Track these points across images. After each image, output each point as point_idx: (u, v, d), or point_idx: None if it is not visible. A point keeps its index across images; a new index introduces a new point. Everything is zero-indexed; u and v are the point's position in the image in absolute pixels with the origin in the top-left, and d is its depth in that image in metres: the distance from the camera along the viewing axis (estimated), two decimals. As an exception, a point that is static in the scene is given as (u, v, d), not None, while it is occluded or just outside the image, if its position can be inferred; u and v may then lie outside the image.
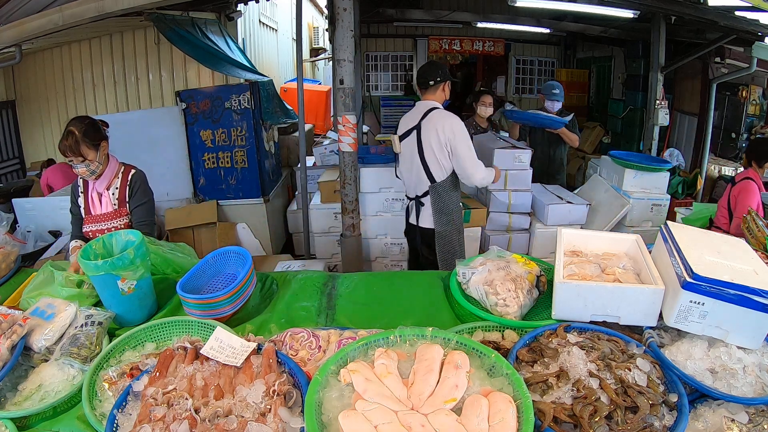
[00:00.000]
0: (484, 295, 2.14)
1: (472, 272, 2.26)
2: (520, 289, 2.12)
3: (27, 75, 6.88)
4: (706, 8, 5.50)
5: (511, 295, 2.09)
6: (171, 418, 1.40)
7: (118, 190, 2.90)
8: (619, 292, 1.81)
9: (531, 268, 2.25)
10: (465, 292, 2.25)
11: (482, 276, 2.20)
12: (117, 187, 2.90)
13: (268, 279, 2.61)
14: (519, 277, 2.17)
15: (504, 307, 2.08)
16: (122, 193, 2.90)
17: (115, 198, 2.89)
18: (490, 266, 2.25)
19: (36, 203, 5.27)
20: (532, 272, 2.23)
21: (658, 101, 7.15)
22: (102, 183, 2.86)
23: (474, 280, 2.21)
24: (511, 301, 2.08)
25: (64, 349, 1.87)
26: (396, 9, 9.03)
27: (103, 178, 2.85)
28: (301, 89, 5.43)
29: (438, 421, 1.32)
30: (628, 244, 2.25)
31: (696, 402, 1.53)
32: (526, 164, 4.94)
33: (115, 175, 2.91)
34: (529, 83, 12.27)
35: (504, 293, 2.10)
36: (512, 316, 2.05)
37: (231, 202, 6.31)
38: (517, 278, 2.17)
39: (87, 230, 2.89)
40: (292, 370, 1.61)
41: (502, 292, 2.11)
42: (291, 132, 7.70)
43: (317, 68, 15.08)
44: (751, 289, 1.56)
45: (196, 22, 5.84)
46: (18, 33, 4.15)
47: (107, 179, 2.87)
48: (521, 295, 2.10)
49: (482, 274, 2.21)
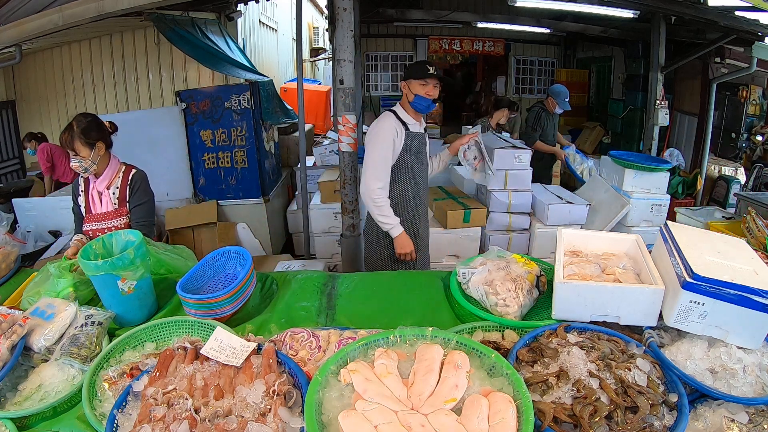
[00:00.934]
0: (484, 295, 2.13)
1: (472, 272, 2.26)
2: (520, 289, 2.12)
3: (27, 75, 6.89)
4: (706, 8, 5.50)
5: (511, 295, 2.09)
6: (171, 418, 1.40)
7: (119, 189, 2.91)
8: (619, 292, 1.81)
9: (531, 268, 2.25)
10: (465, 292, 2.24)
11: (482, 276, 2.20)
12: (118, 187, 2.91)
13: (268, 279, 2.61)
14: (519, 277, 2.17)
15: (504, 307, 2.07)
16: (123, 193, 2.91)
17: (115, 197, 2.90)
18: (490, 266, 2.24)
19: (36, 203, 5.29)
20: (532, 272, 2.23)
21: (658, 101, 7.16)
22: (102, 182, 2.87)
23: (474, 280, 2.21)
24: (512, 301, 2.08)
25: (64, 349, 1.87)
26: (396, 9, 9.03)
27: (103, 177, 2.86)
28: (301, 89, 5.43)
29: (438, 421, 1.32)
30: (628, 244, 2.25)
31: (696, 402, 1.53)
32: (526, 164, 4.94)
33: (116, 175, 2.91)
34: (529, 83, 12.28)
35: (504, 293, 2.10)
36: (512, 316, 2.05)
37: (231, 202, 6.31)
38: (517, 278, 2.16)
39: (87, 229, 2.90)
40: (292, 370, 1.61)
41: (502, 292, 2.10)
42: (291, 132, 7.70)
43: (317, 68, 15.09)
44: (751, 289, 1.56)
45: (196, 22, 5.84)
46: (18, 33, 4.15)
47: (108, 178, 2.88)
48: (521, 295, 2.10)
49: (482, 274, 2.21)
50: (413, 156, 3.34)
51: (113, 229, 2.81)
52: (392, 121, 3.27)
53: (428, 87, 3.26)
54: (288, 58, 11.92)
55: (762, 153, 7.40)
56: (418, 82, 3.26)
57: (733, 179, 7.14)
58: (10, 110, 7.13)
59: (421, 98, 3.27)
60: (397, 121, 3.28)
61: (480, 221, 4.96)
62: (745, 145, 7.58)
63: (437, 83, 3.29)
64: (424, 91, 3.25)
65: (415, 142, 3.33)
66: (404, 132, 3.28)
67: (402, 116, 3.32)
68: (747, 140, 7.53)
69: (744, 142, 7.55)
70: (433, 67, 3.26)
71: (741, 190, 6.75)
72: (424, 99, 3.27)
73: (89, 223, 2.89)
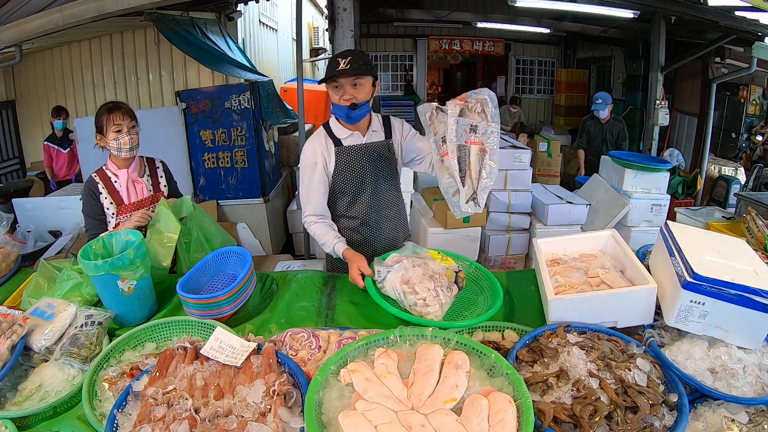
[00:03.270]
0: (403, 295, 2.05)
1: (387, 270, 2.16)
2: (440, 287, 2.05)
3: (27, 75, 6.90)
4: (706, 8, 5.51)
5: (431, 294, 2.01)
6: (171, 418, 1.40)
7: (151, 177, 2.95)
8: (614, 299, 1.81)
9: (448, 264, 2.20)
10: (381, 291, 2.16)
11: (399, 274, 2.11)
12: (148, 175, 2.95)
13: (268, 279, 2.61)
14: (437, 275, 2.11)
15: (424, 307, 2.00)
16: (154, 179, 2.96)
17: (149, 184, 2.93)
18: (407, 264, 2.16)
19: (36, 203, 5.28)
20: (450, 269, 2.17)
21: (658, 101, 7.17)
22: (135, 170, 2.87)
23: (390, 278, 2.11)
24: (432, 300, 2.01)
25: (64, 349, 1.87)
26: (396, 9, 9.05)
27: (134, 165, 2.87)
28: (301, 89, 5.43)
29: (438, 421, 1.32)
30: (604, 240, 2.26)
31: (696, 402, 1.53)
32: (526, 164, 4.95)
33: (142, 164, 2.95)
34: (529, 83, 12.31)
35: (424, 293, 2.02)
36: (433, 316, 1.99)
37: (231, 202, 6.31)
38: (435, 276, 2.10)
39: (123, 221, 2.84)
40: (292, 370, 1.61)
41: (422, 291, 2.02)
42: (291, 132, 7.70)
43: (317, 68, 15.07)
44: (751, 289, 1.56)
45: (196, 22, 5.84)
46: (18, 33, 4.16)
47: (138, 167, 2.90)
48: (441, 293, 2.03)
49: (399, 272, 2.12)
50: (352, 170, 2.66)
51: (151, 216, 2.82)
52: (316, 142, 2.66)
53: (343, 89, 2.47)
54: (288, 58, 11.91)
55: (762, 153, 7.42)
56: (329, 85, 2.52)
57: (733, 179, 7.15)
58: (11, 110, 7.14)
59: (337, 107, 2.54)
60: (324, 139, 2.66)
61: (480, 221, 4.96)
62: (745, 145, 7.59)
63: (357, 80, 2.46)
64: (339, 96, 2.49)
65: (351, 156, 2.65)
66: (334, 148, 2.64)
67: (335, 130, 2.68)
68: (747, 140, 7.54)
69: (744, 142, 7.56)
70: (348, 59, 2.39)
71: (741, 190, 6.76)
72: (340, 108, 2.51)
73: (124, 214, 2.83)
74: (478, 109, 2.03)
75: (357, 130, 2.67)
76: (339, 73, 2.39)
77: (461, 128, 2.02)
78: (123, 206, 2.83)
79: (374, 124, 2.73)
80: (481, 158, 2.02)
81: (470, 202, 2.02)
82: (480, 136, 2.01)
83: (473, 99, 2.04)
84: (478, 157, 2.01)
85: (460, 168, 2.02)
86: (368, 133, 2.70)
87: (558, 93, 11.83)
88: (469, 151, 2.01)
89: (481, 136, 2.01)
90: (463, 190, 2.02)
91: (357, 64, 2.38)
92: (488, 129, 2.02)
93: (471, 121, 2.02)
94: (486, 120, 2.03)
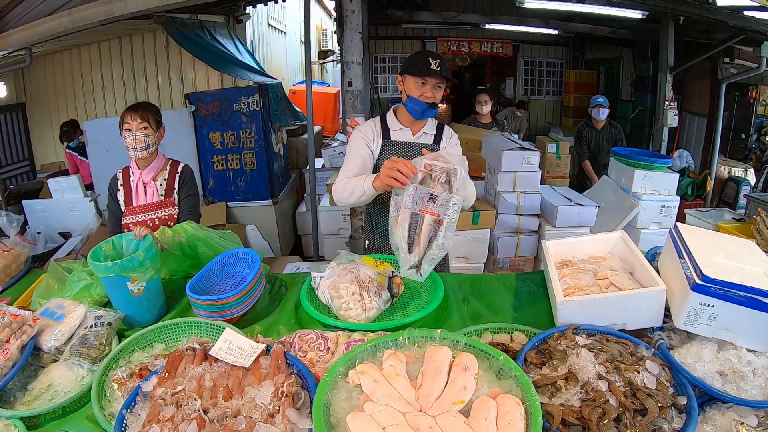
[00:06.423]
0: (330, 300, 2.12)
1: (320, 277, 2.24)
2: (365, 291, 2.09)
3: (37, 78, 6.96)
4: (715, 8, 5.48)
5: (355, 299, 2.06)
6: (180, 418, 1.41)
7: (166, 181, 2.93)
8: (623, 301, 1.80)
9: (381, 270, 2.22)
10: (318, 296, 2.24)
11: (329, 280, 2.17)
12: (165, 179, 2.93)
13: (277, 280, 2.62)
14: (368, 279, 2.14)
15: (347, 311, 2.06)
16: (170, 184, 2.93)
17: (162, 188, 2.92)
18: (338, 270, 2.21)
19: (46, 205, 5.32)
20: (383, 273, 2.20)
21: (667, 102, 7.13)
22: (149, 173, 2.87)
23: (322, 284, 2.19)
24: (355, 304, 2.06)
25: (73, 349, 1.88)
26: (404, 11, 9.05)
27: (151, 168, 2.87)
28: (309, 91, 5.44)
29: (446, 423, 1.31)
30: (613, 242, 2.25)
31: (705, 405, 1.52)
32: (535, 166, 4.92)
33: (163, 167, 2.94)
34: (538, 84, 12.26)
35: (347, 297, 2.08)
36: (355, 319, 2.04)
37: (240, 204, 6.34)
38: (364, 281, 2.13)
39: (127, 222, 2.85)
40: (300, 372, 1.61)
41: (346, 295, 2.08)
42: (300, 134, 7.74)
43: (326, 70, 15.11)
44: (761, 291, 1.55)
45: (205, 24, 5.88)
46: (28, 36, 4.19)
47: (155, 170, 2.89)
48: (366, 297, 2.08)
49: (330, 278, 2.18)
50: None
51: (155, 221, 2.83)
52: (368, 126, 2.77)
53: (426, 87, 2.58)
54: (297, 61, 11.95)
55: (772, 154, 7.35)
56: (414, 79, 2.58)
57: (743, 180, 7.08)
58: (21, 113, 7.20)
59: (414, 101, 2.61)
60: (376, 126, 2.77)
61: (489, 223, 4.95)
62: (755, 146, 7.52)
63: (440, 83, 2.60)
64: (420, 92, 2.58)
65: (395, 152, 2.69)
66: (381, 140, 2.72)
67: (389, 121, 2.78)
68: (757, 141, 7.47)
69: (754, 143, 7.49)
70: (437, 62, 2.51)
71: (751, 192, 6.69)
72: (418, 103, 2.59)
73: (129, 215, 2.86)
74: (443, 179, 2.02)
75: (409, 127, 2.76)
76: (431, 72, 2.51)
77: (419, 196, 2.02)
78: (130, 207, 2.87)
79: (428, 126, 2.81)
80: (434, 229, 2.01)
81: (412, 270, 2.06)
82: (438, 207, 1.99)
83: (440, 169, 2.02)
84: (430, 228, 2.01)
85: (409, 235, 2.03)
86: (419, 133, 2.79)
87: (566, 94, 11.77)
88: (422, 221, 2.01)
89: (439, 207, 1.99)
90: (408, 257, 2.05)
91: (444, 69, 2.53)
92: (449, 201, 1.99)
93: (431, 190, 2.00)
94: (448, 191, 2.00)
